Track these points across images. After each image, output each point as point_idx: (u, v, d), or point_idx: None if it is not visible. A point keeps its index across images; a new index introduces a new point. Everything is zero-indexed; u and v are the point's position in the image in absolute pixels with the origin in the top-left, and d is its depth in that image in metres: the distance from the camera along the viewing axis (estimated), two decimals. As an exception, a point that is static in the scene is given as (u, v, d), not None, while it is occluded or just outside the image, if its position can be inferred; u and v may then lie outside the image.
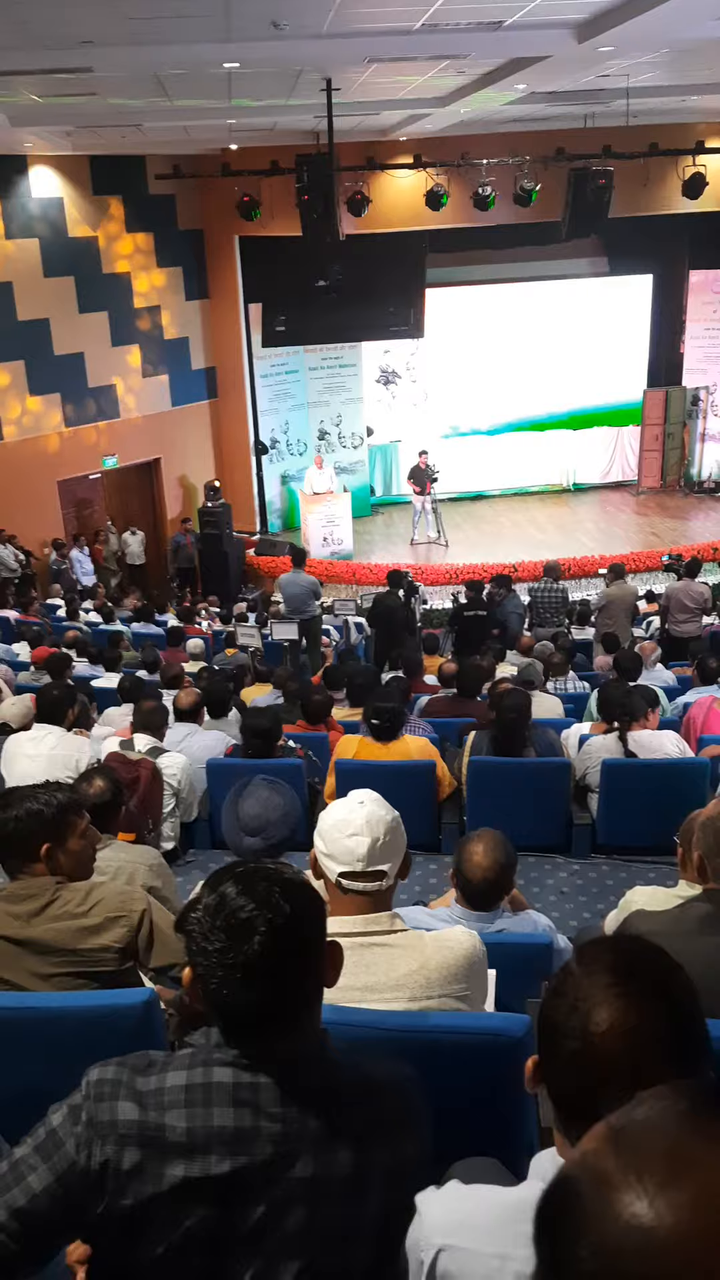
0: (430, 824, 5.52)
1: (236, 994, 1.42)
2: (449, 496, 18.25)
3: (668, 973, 1.29)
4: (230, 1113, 1.42)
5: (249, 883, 1.46)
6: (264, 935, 1.41)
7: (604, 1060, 1.21)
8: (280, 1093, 1.43)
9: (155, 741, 5.42)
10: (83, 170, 15.18)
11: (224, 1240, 1.41)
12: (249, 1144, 1.41)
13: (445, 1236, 1.36)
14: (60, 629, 11.35)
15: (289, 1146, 1.42)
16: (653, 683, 7.52)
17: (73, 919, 2.53)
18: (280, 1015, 1.44)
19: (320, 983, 1.53)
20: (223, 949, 1.41)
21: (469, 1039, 2.08)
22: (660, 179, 15.26)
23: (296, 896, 1.46)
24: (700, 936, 2.27)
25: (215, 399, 17.83)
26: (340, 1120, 1.46)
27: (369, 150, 15.03)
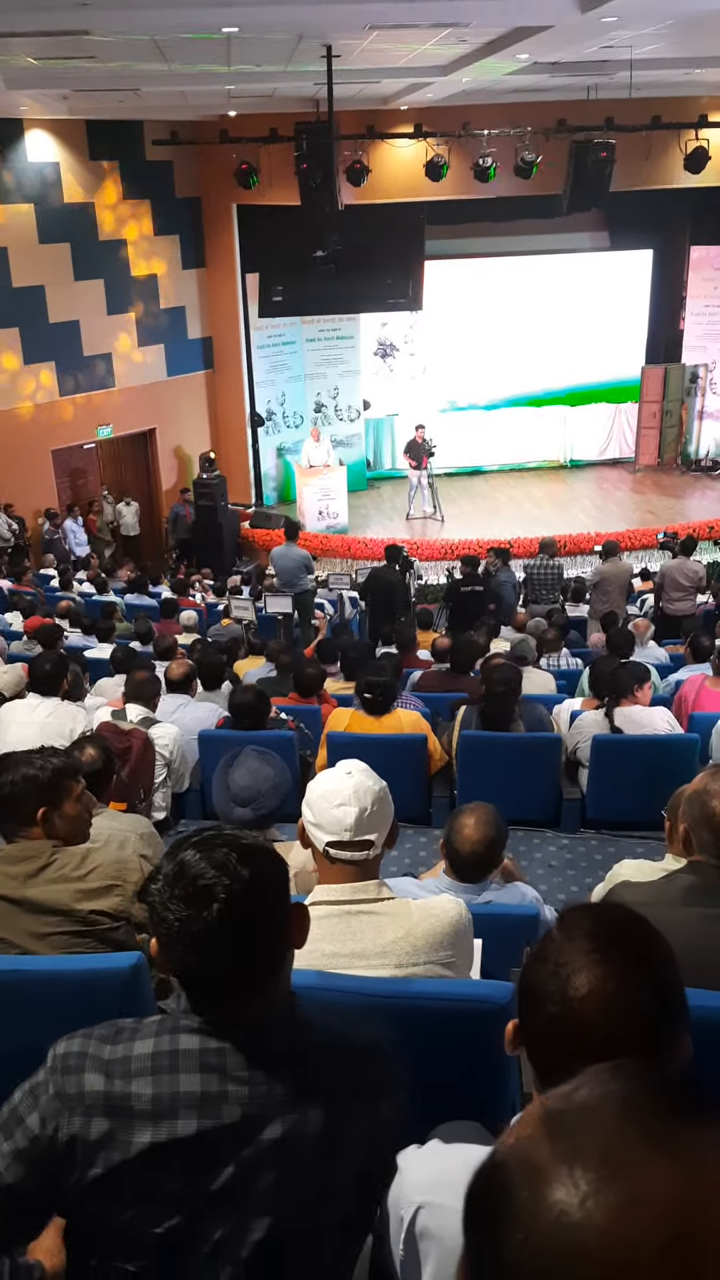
0: (421, 797, 5.55)
1: (198, 962, 1.43)
2: (445, 471, 18.19)
3: (648, 940, 1.30)
4: (197, 1078, 1.42)
5: (207, 849, 1.45)
6: (223, 902, 1.41)
7: (582, 1024, 1.23)
8: (246, 1057, 1.43)
9: (147, 712, 5.44)
10: (79, 135, 15.02)
11: (193, 1201, 1.42)
12: (215, 1108, 1.42)
13: (424, 1194, 1.38)
14: (53, 599, 11.35)
15: (256, 1109, 1.42)
16: (645, 660, 7.53)
17: (69, 882, 2.55)
18: (244, 982, 1.44)
19: (286, 946, 1.53)
20: (183, 918, 1.41)
21: (453, 1005, 2.11)
22: (662, 153, 15.14)
23: (256, 861, 1.46)
24: (683, 907, 2.29)
25: (211, 370, 17.74)
26: (309, 1082, 1.45)
27: (369, 119, 14.89)
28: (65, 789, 2.73)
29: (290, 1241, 1.45)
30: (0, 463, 14.54)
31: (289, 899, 1.53)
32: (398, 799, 2.46)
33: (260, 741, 3.80)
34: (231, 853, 1.45)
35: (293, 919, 1.53)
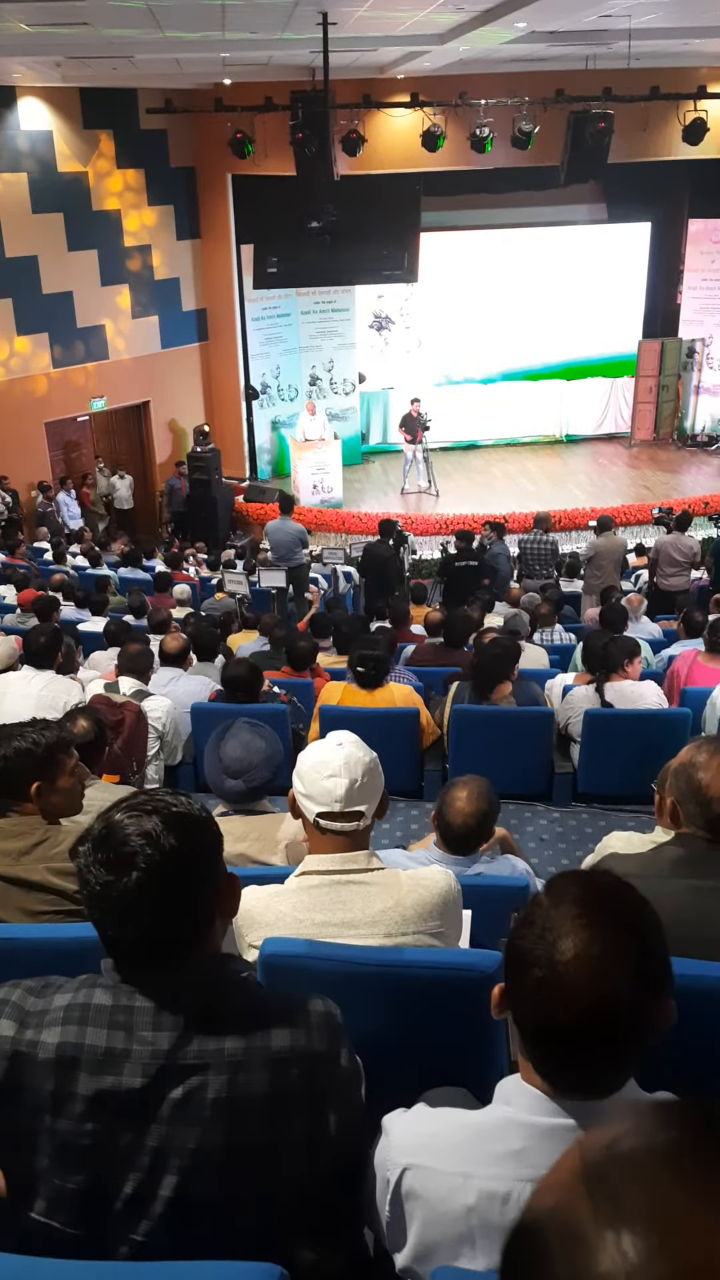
0: (413, 771, 5.57)
1: (116, 927, 1.44)
2: (440, 446, 18.14)
3: (634, 906, 1.32)
4: (104, 1033, 1.44)
5: (138, 815, 1.46)
6: (142, 871, 1.41)
7: (568, 988, 1.25)
8: (156, 1017, 1.44)
9: (140, 685, 5.45)
10: (73, 103, 14.86)
11: (101, 1156, 1.43)
12: (118, 1065, 1.43)
13: (410, 1156, 1.40)
14: (47, 572, 11.33)
15: (158, 1070, 1.43)
16: (638, 635, 7.55)
17: (63, 860, 2.54)
18: (162, 949, 1.45)
19: (212, 916, 1.53)
20: (103, 883, 1.42)
21: (441, 974, 2.12)
22: (661, 124, 15.04)
23: (184, 831, 1.45)
24: (671, 879, 2.30)
25: (206, 341, 17.63)
26: (220, 1045, 1.45)
27: (365, 88, 14.75)
28: (59, 763, 2.73)
29: (202, 1202, 1.44)
30: (-6, 435, 14.49)
31: (219, 869, 1.53)
32: (390, 772, 2.47)
33: (253, 715, 3.81)
34: (160, 821, 1.44)
35: (222, 889, 1.53)
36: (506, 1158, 1.33)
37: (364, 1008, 2.15)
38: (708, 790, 2.37)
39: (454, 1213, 1.34)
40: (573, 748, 5.58)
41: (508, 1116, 1.35)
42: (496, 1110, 1.38)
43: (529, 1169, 1.31)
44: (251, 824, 3.23)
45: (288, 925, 2.19)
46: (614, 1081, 1.32)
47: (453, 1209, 1.34)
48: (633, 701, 5.50)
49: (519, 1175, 1.31)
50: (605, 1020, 1.24)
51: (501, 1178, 1.32)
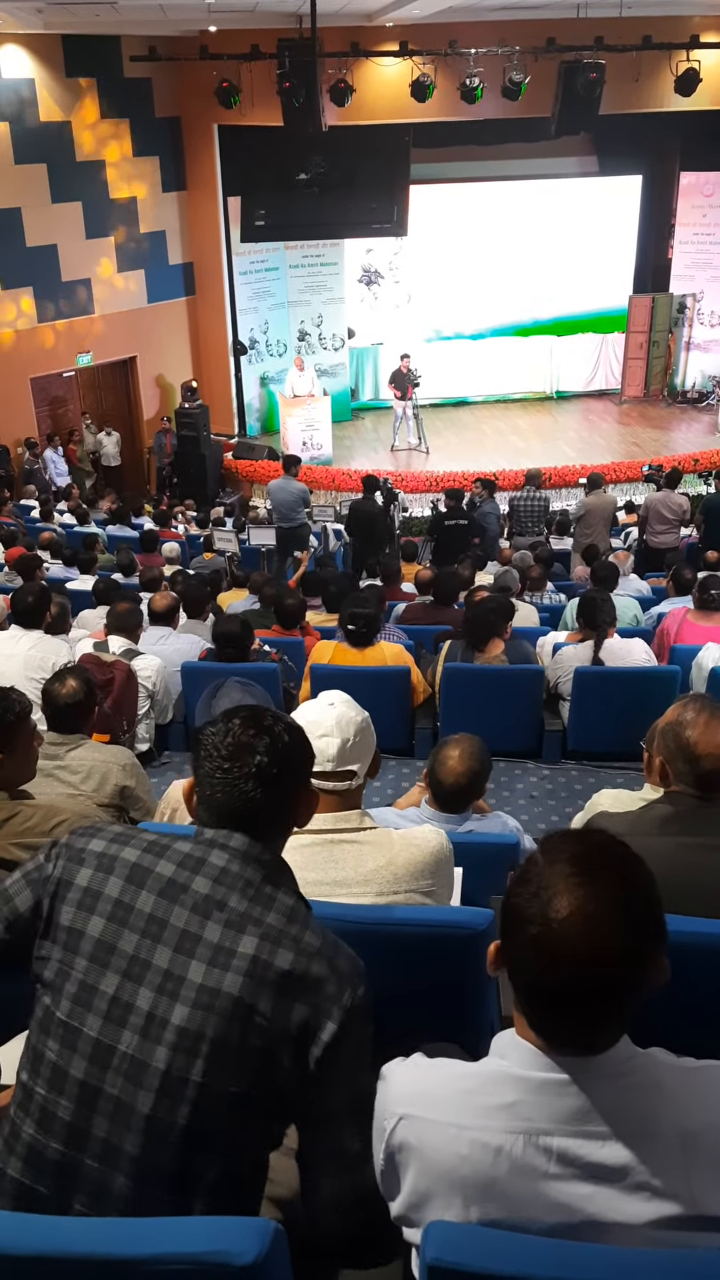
0: (404, 729, 5.59)
1: (223, 798, 1.63)
2: (431, 402, 18.02)
3: (628, 863, 1.34)
4: (151, 899, 1.57)
5: (259, 724, 1.68)
6: (264, 754, 1.63)
7: (563, 944, 1.27)
8: (202, 891, 1.57)
9: (130, 644, 5.43)
10: (55, 50, 14.55)
11: (118, 1010, 1.53)
12: (158, 929, 1.55)
13: (406, 1106, 1.42)
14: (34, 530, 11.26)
15: (190, 942, 1.54)
16: (626, 592, 7.56)
17: (35, 836, 2.53)
18: (252, 821, 1.63)
19: (293, 817, 1.72)
20: (220, 765, 1.63)
21: (433, 931, 2.14)
22: (653, 74, 14.79)
23: (295, 741, 1.71)
24: (660, 836, 2.32)
25: (193, 296, 17.42)
26: (269, 916, 1.57)
27: (353, 36, 14.46)
28: (21, 733, 2.69)
29: (190, 1084, 1.49)
30: (-22, 391, 14.34)
31: (306, 780, 1.75)
32: (381, 731, 2.48)
33: (243, 674, 3.81)
34: (275, 725, 1.69)
35: (306, 798, 1.74)
36: (499, 1110, 1.34)
37: (356, 965, 2.18)
38: (695, 748, 2.38)
39: (446, 1163, 1.36)
40: (562, 705, 5.59)
41: (502, 1070, 1.37)
42: (491, 1063, 1.40)
43: (521, 1122, 1.33)
44: (243, 783, 3.23)
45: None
46: (608, 1037, 1.34)
47: (445, 1159, 1.36)
48: (621, 658, 5.51)
49: (511, 1128, 1.33)
50: (600, 977, 1.26)
51: (493, 1130, 1.34)
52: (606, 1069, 1.33)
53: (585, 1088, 1.32)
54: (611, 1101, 1.32)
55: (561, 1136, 1.32)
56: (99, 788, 3.39)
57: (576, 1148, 1.31)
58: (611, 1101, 1.32)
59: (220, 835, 1.62)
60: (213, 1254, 1.25)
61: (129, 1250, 1.27)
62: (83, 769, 3.40)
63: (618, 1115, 1.32)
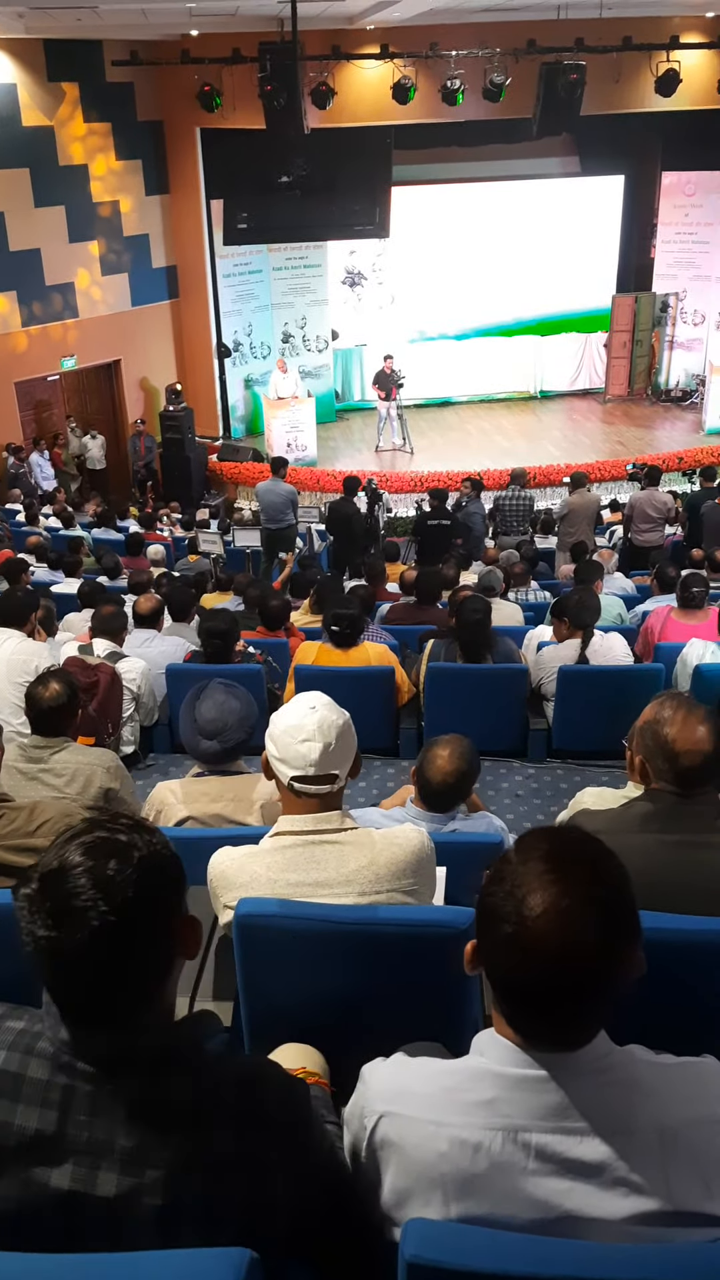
0: (389, 729, 5.59)
1: (63, 985, 1.30)
2: (415, 403, 18.05)
3: (601, 860, 1.35)
4: (35, 1113, 1.31)
5: (94, 856, 1.28)
6: (94, 929, 1.25)
7: (537, 942, 1.27)
8: (94, 1100, 1.31)
9: (114, 646, 5.44)
10: (37, 54, 14.51)
11: (22, 1230, 1.32)
12: (46, 1152, 1.30)
13: (386, 1104, 1.43)
14: (19, 534, 11.24)
15: (90, 1163, 1.30)
16: (611, 591, 7.59)
17: (20, 838, 2.52)
18: (110, 1009, 1.31)
19: (170, 968, 1.38)
20: (49, 939, 1.26)
21: (415, 931, 2.14)
22: (633, 75, 14.85)
23: (146, 874, 1.30)
24: (640, 834, 2.33)
25: (177, 299, 17.40)
26: (167, 1143, 1.31)
27: (334, 39, 14.47)
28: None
29: None
30: (-38, 395, 14.29)
31: (180, 912, 1.37)
32: (365, 731, 2.48)
33: (228, 675, 3.81)
34: (118, 865, 1.28)
35: (184, 935, 1.38)
36: (478, 1107, 1.35)
37: (339, 966, 2.18)
38: (674, 745, 2.39)
39: (426, 1160, 1.36)
40: (546, 704, 5.61)
41: (481, 1067, 1.38)
42: (470, 1061, 1.41)
43: (500, 1118, 1.34)
44: (227, 784, 3.24)
45: (262, 885, 2.21)
46: (584, 1033, 1.35)
47: (425, 1156, 1.36)
48: (603, 655, 5.53)
49: (490, 1124, 1.34)
50: (575, 972, 1.27)
51: (472, 1126, 1.34)
52: (584, 1065, 1.34)
53: (563, 1084, 1.33)
54: (589, 1098, 1.33)
55: (540, 1133, 1.32)
56: (83, 790, 3.39)
57: (555, 1144, 1.32)
58: (589, 1098, 1.33)
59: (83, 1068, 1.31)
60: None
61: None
62: (67, 772, 3.40)
63: (596, 1111, 1.32)
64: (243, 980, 2.26)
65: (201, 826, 3.17)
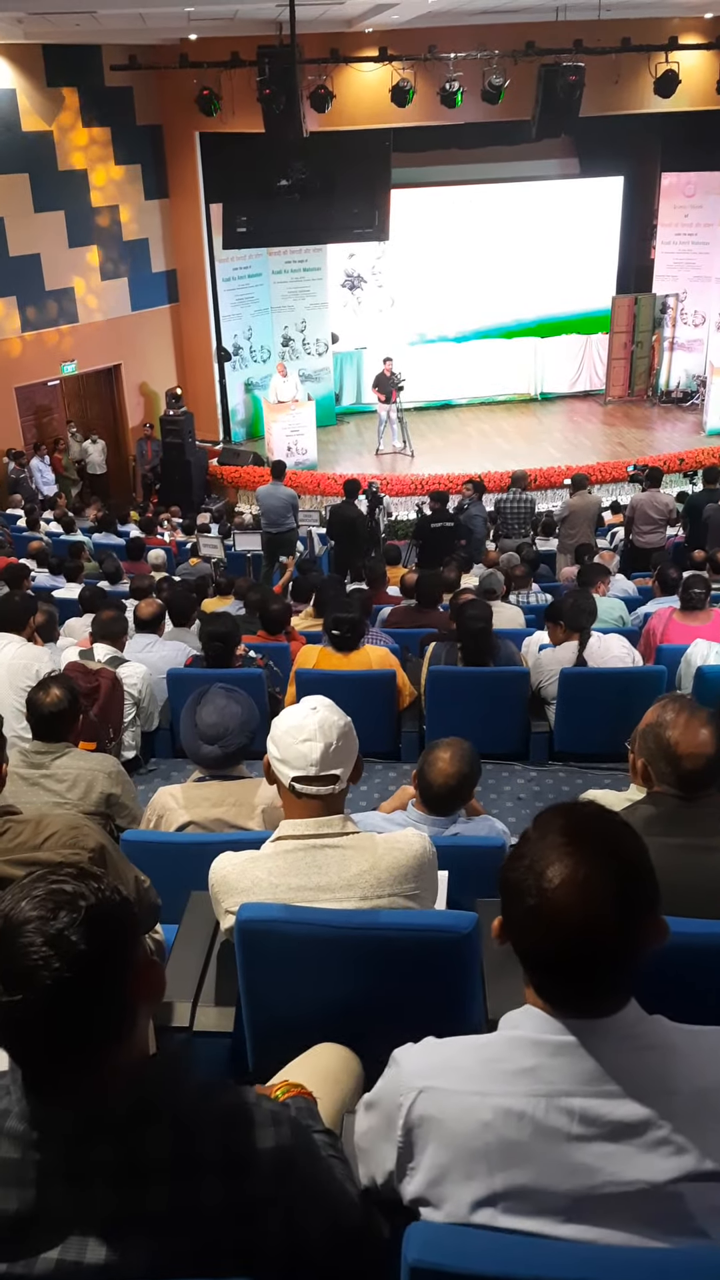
0: (390, 733, 5.59)
1: (19, 1048, 1.27)
2: (415, 405, 18.05)
3: (617, 831, 1.39)
4: (14, 1194, 1.27)
5: (42, 913, 1.24)
6: (47, 988, 1.21)
7: (558, 911, 1.31)
8: (69, 1166, 1.27)
9: (115, 651, 5.43)
10: (36, 60, 14.54)
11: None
12: (26, 1233, 1.27)
13: (425, 1079, 1.44)
14: (21, 540, 11.24)
15: (81, 1231, 1.27)
16: (612, 593, 7.58)
17: (26, 852, 2.50)
18: (74, 1066, 1.26)
19: (130, 1017, 1.32)
20: (2, 1001, 1.22)
21: (418, 935, 2.14)
22: (632, 76, 14.87)
23: (96, 926, 1.25)
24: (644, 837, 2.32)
25: (176, 303, 17.42)
26: (147, 1202, 1.28)
27: (333, 42, 14.50)
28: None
29: None
30: (-37, 401, 14.30)
31: (135, 960, 1.32)
32: (366, 735, 2.48)
33: (229, 680, 3.81)
34: (68, 918, 1.24)
35: (140, 980, 1.32)
36: (520, 1075, 1.37)
37: (341, 970, 2.17)
38: (676, 748, 2.39)
39: (470, 1130, 1.38)
40: (548, 707, 5.60)
41: (519, 1036, 1.40)
42: (505, 1033, 1.44)
43: (543, 1085, 1.36)
44: (228, 789, 3.24)
45: (264, 890, 2.20)
46: (612, 1000, 1.37)
47: (469, 1127, 1.38)
48: (600, 656, 5.53)
49: (534, 1091, 1.36)
50: (597, 941, 1.31)
51: (516, 1094, 1.36)
52: (618, 1031, 1.37)
53: (600, 1049, 1.35)
54: (628, 1061, 1.35)
55: (583, 1097, 1.35)
56: (85, 796, 3.39)
57: (598, 1107, 1.34)
58: (628, 1061, 1.35)
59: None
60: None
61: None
62: (68, 777, 3.39)
63: (634, 1075, 1.35)
64: (245, 986, 2.25)
65: (203, 831, 3.17)
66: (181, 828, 3.18)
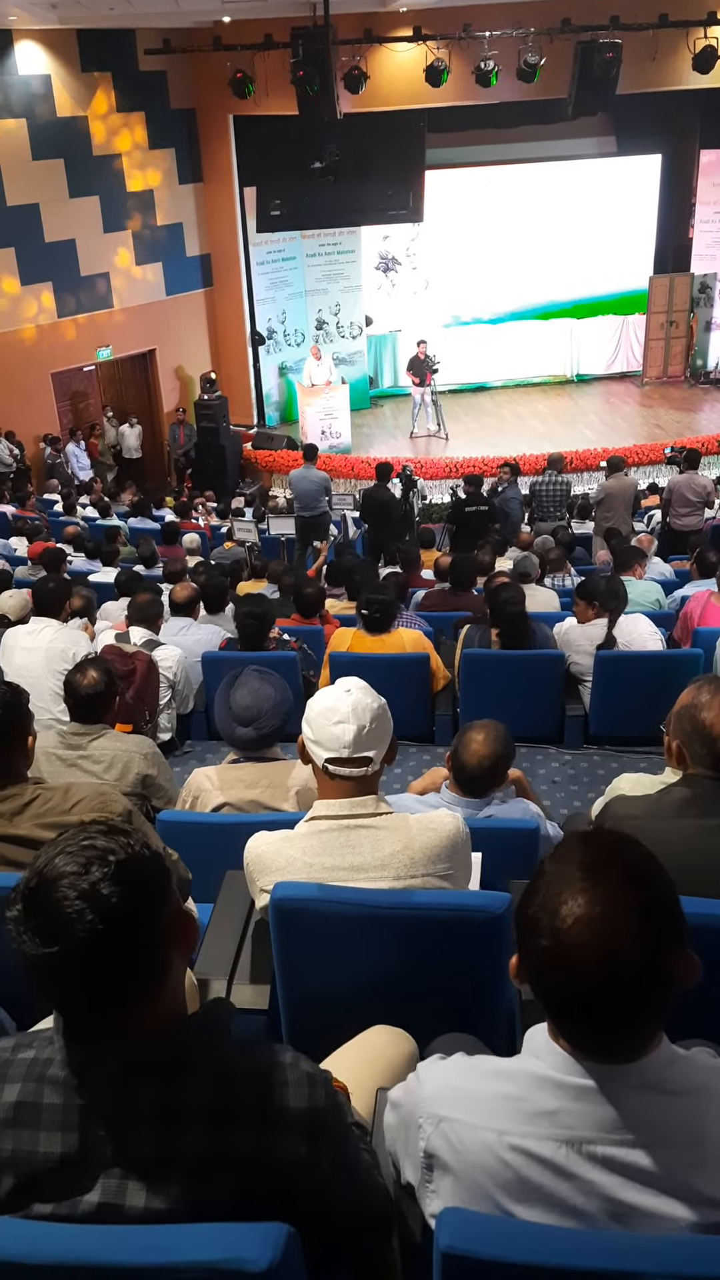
0: (424, 715, 5.59)
1: (58, 996, 1.32)
2: (450, 388, 17.97)
3: (637, 862, 1.30)
4: (58, 1137, 1.32)
5: (76, 868, 1.28)
6: (81, 940, 1.25)
7: (574, 953, 1.24)
8: (111, 1112, 1.33)
9: (151, 634, 5.47)
10: (70, 45, 14.58)
11: None
12: (74, 1174, 1.33)
13: (444, 1109, 1.39)
14: (57, 524, 11.33)
15: (121, 1174, 1.32)
16: (649, 576, 7.52)
17: (57, 816, 2.55)
18: (113, 1016, 1.31)
19: (164, 966, 1.36)
20: (39, 954, 1.26)
21: (451, 915, 2.14)
22: (670, 52, 14.63)
23: (129, 880, 1.29)
24: (678, 819, 2.32)
25: (210, 288, 17.44)
26: (186, 1143, 1.33)
27: (367, 22, 14.40)
28: (26, 727, 2.68)
29: None
30: (0, 387, 14.41)
31: (169, 910, 1.36)
32: (400, 717, 2.48)
33: (263, 662, 3.82)
34: (100, 872, 1.28)
35: (174, 930, 1.37)
36: (541, 1117, 1.32)
37: (374, 950, 2.19)
38: (712, 729, 2.37)
39: (489, 1166, 1.34)
40: (582, 689, 5.58)
41: (540, 1073, 1.34)
42: (527, 1064, 1.37)
43: (564, 1130, 1.30)
44: (263, 770, 3.26)
45: (298, 870, 2.22)
46: (639, 1042, 1.31)
47: (486, 1163, 1.34)
48: (628, 634, 5.50)
49: (554, 1135, 1.31)
50: (616, 981, 1.24)
51: (537, 1136, 1.31)
52: (643, 1076, 1.30)
53: (621, 1096, 1.29)
54: (653, 1109, 1.29)
55: (606, 1145, 1.29)
56: (121, 777, 3.42)
57: (621, 1155, 1.28)
58: (653, 1109, 1.29)
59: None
60: (226, 1261, 1.23)
61: (140, 1259, 1.25)
62: (105, 758, 3.43)
63: (661, 1123, 1.29)
64: (279, 963, 2.27)
65: (238, 812, 3.19)
66: (217, 809, 3.20)
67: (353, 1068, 1.93)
